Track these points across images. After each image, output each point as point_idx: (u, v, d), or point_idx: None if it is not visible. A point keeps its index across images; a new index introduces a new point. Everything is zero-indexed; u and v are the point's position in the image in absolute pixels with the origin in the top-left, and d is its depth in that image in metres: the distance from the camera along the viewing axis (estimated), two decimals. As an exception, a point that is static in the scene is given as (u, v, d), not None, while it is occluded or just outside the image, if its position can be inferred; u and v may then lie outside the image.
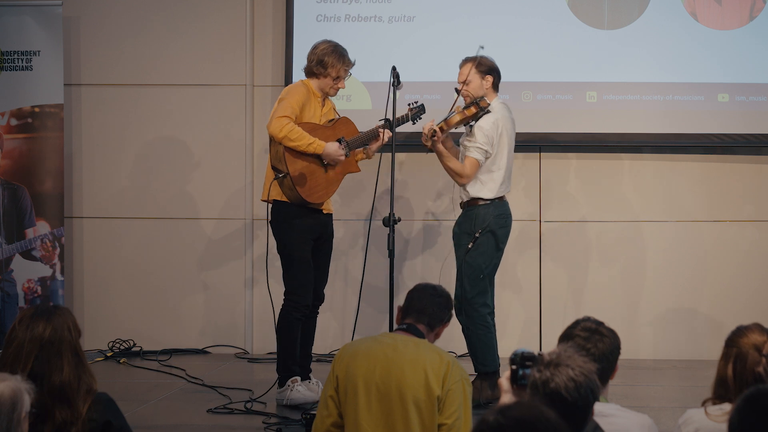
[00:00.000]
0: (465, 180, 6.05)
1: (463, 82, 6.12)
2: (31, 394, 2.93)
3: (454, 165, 6.06)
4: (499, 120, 6.05)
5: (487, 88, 6.12)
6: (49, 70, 7.52)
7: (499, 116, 6.07)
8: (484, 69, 6.12)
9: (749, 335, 3.42)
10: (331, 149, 5.95)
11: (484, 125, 6.02)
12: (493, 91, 6.15)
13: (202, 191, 7.78)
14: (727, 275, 7.54)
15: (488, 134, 6.01)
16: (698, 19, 7.42)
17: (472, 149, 6.02)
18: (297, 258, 6.01)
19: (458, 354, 6.97)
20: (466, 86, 6.11)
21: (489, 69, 6.14)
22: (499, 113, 6.08)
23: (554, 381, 2.72)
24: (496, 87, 6.16)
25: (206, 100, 7.78)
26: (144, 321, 7.75)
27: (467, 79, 6.10)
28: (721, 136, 7.42)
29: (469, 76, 6.09)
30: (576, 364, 2.75)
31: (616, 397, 3.88)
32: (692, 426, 3.39)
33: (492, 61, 6.18)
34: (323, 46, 6.08)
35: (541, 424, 2.38)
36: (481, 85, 6.11)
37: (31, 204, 7.51)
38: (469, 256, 6.01)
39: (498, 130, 6.04)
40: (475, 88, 6.10)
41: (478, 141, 6.01)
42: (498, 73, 6.17)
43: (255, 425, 5.63)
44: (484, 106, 6.04)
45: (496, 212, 6.07)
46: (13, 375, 2.96)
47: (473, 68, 6.10)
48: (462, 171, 6.04)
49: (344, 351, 4.09)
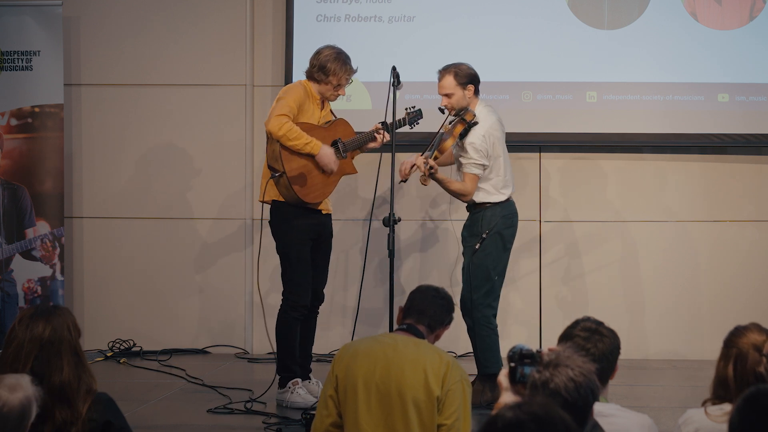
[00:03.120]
0: (469, 197, 6.06)
1: (445, 94, 6.08)
2: (39, 400, 2.93)
3: (455, 187, 6.05)
4: (488, 131, 6.02)
5: (469, 97, 6.08)
6: (49, 70, 7.52)
7: (488, 126, 6.03)
8: (464, 80, 6.06)
9: (748, 335, 3.42)
10: (325, 155, 5.93)
11: (475, 141, 6.00)
12: (475, 97, 6.11)
13: (202, 191, 7.78)
14: (727, 275, 7.53)
15: (480, 149, 5.99)
16: (698, 19, 7.42)
17: (469, 166, 6.01)
18: (296, 258, 6.01)
19: (458, 354, 6.97)
20: (448, 99, 6.07)
21: (469, 78, 6.07)
22: (486, 122, 6.04)
23: (554, 381, 2.72)
24: (477, 92, 6.12)
25: (206, 100, 7.78)
26: (144, 321, 7.75)
27: (449, 91, 6.07)
28: (721, 136, 7.42)
29: (451, 88, 6.07)
30: (575, 365, 2.75)
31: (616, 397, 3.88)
32: (692, 426, 3.39)
33: (468, 68, 6.11)
34: (327, 52, 6.06)
35: (557, 422, 2.38)
36: (463, 96, 6.06)
37: (31, 204, 7.51)
38: (476, 257, 6.00)
39: (490, 141, 6.01)
40: (458, 99, 6.06)
41: (473, 157, 6.00)
42: (477, 79, 6.10)
43: (255, 425, 5.63)
44: (470, 120, 6.01)
45: (502, 213, 6.06)
46: (22, 377, 2.96)
47: (453, 79, 6.07)
48: (464, 190, 6.03)
49: (344, 351, 4.09)
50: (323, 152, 5.92)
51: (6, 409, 2.84)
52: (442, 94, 6.10)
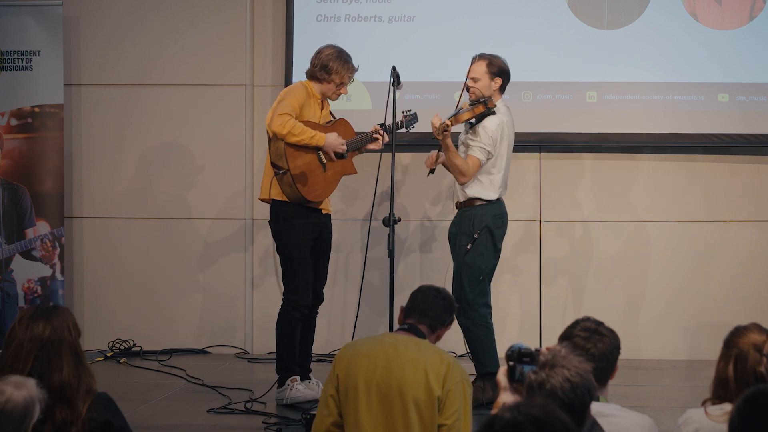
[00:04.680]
0: (466, 178, 6.03)
1: (473, 78, 6.10)
2: (42, 403, 2.93)
3: (459, 162, 6.04)
4: (504, 123, 6.04)
5: (494, 89, 6.09)
6: (49, 70, 7.52)
7: (505, 120, 6.06)
8: (495, 70, 6.08)
9: (748, 335, 3.41)
10: (332, 139, 5.97)
11: (490, 126, 6.01)
12: (499, 93, 6.12)
13: (202, 191, 7.78)
14: (727, 275, 7.53)
15: (493, 135, 6.00)
16: (698, 19, 7.42)
17: (476, 148, 6.00)
18: (296, 258, 6.02)
19: (458, 354, 6.96)
20: (474, 83, 6.09)
21: (500, 71, 6.10)
22: (504, 116, 6.07)
23: (550, 382, 2.71)
24: (503, 89, 6.14)
25: (206, 100, 7.78)
26: (144, 321, 7.75)
27: (477, 76, 6.09)
28: (721, 136, 7.42)
29: (480, 74, 6.08)
30: (571, 365, 2.75)
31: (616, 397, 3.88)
32: (692, 426, 3.39)
33: (503, 63, 6.13)
34: (328, 51, 6.07)
35: (556, 423, 2.38)
36: (489, 86, 6.08)
37: (31, 204, 7.51)
38: (469, 257, 6.00)
39: (501, 133, 6.03)
40: (484, 87, 6.07)
41: (483, 141, 5.99)
42: (508, 77, 6.13)
43: (255, 425, 5.63)
44: (491, 107, 6.02)
45: (493, 212, 6.05)
46: (28, 380, 2.96)
47: (485, 67, 6.08)
48: (465, 169, 6.02)
49: (345, 350, 4.09)
50: (329, 140, 5.95)
51: (10, 405, 2.84)
52: (470, 77, 6.09)
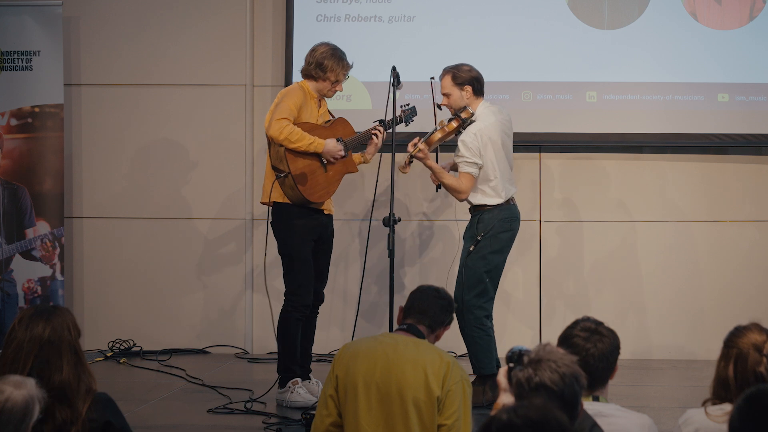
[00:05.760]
0: (463, 195, 6.05)
1: (444, 94, 6.11)
2: (42, 402, 2.93)
3: (450, 181, 6.05)
4: (481, 130, 6.00)
5: (467, 97, 6.09)
6: (49, 70, 7.52)
7: (482, 125, 6.02)
8: (461, 80, 6.08)
9: (748, 335, 3.41)
10: (330, 146, 5.97)
11: (466, 139, 6.00)
12: (475, 98, 6.10)
13: (201, 191, 7.78)
14: (727, 275, 7.54)
15: (471, 147, 5.98)
16: (698, 19, 7.42)
17: (463, 164, 6.01)
18: (298, 258, 6.02)
19: (458, 354, 6.97)
20: (447, 98, 6.11)
21: (465, 80, 6.08)
22: (482, 122, 6.04)
23: (538, 376, 2.73)
24: (478, 93, 6.11)
25: (206, 100, 7.78)
26: (144, 321, 7.75)
27: (447, 92, 6.09)
28: (721, 136, 7.42)
29: (448, 88, 6.09)
30: (556, 357, 2.77)
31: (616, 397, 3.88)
32: (692, 426, 3.39)
33: (469, 70, 6.10)
34: (322, 49, 6.08)
35: (552, 424, 2.38)
36: (461, 96, 6.08)
37: (31, 204, 7.51)
38: (470, 259, 6.01)
39: (480, 141, 5.98)
40: (456, 99, 6.08)
41: (465, 155, 6.00)
42: (477, 81, 6.10)
43: (255, 425, 5.63)
44: (466, 118, 6.02)
45: (501, 216, 6.05)
46: (28, 379, 2.96)
47: (450, 81, 6.09)
48: (459, 187, 6.03)
49: (344, 350, 4.09)
50: (327, 147, 5.96)
51: (10, 404, 2.84)
52: (441, 93, 6.13)
